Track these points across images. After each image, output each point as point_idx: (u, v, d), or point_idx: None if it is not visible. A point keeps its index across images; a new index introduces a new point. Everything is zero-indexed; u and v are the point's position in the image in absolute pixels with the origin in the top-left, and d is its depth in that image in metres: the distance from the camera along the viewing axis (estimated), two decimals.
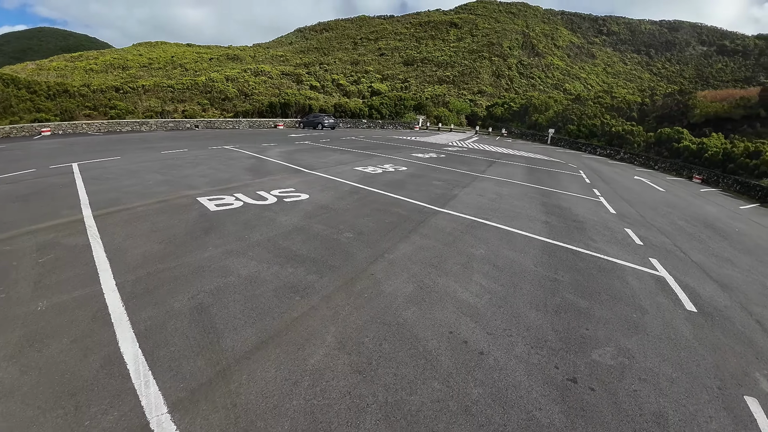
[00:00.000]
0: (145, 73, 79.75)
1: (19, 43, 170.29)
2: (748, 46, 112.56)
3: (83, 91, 51.92)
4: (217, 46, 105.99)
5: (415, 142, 32.65)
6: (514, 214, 11.04)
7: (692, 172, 33.14)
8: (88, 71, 78.08)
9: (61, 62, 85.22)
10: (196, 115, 47.04)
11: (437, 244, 7.94)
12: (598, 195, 16.24)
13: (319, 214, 9.32)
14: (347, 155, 20.81)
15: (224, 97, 58.18)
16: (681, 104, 47.10)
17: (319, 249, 7.22)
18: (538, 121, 50.99)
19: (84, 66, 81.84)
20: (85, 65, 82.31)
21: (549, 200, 13.63)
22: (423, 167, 18.50)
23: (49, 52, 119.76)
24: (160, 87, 60.09)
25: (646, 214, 13.83)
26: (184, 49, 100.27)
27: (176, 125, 38.37)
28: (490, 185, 15.29)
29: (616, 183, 21.40)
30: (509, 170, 20.49)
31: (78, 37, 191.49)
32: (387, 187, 12.99)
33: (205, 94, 58.71)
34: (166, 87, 60.30)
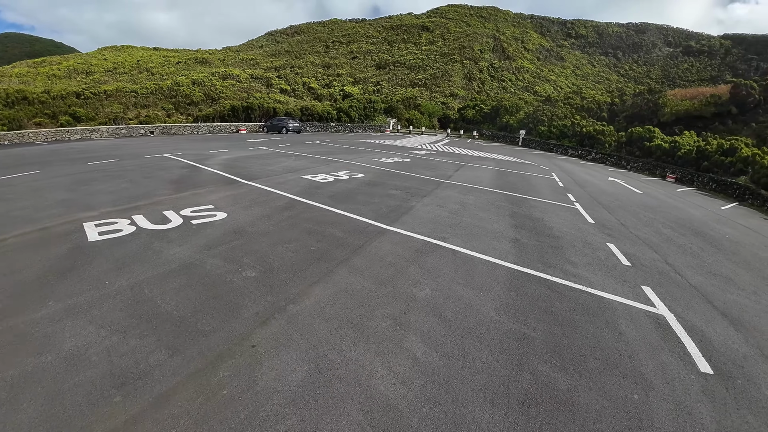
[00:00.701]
0: (109, 78, 75.92)
1: None
2: (713, 46, 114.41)
3: (43, 98, 48.76)
4: (186, 50, 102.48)
5: (382, 145, 30.63)
6: (478, 230, 9.07)
7: (665, 171, 32.02)
8: (51, 77, 73.99)
9: (24, 68, 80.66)
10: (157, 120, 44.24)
11: (369, 283, 5.86)
12: (573, 201, 14.46)
13: (226, 242, 7.18)
14: (302, 161, 18.65)
15: (189, 102, 55.38)
16: (651, 103, 46.36)
17: (197, 300, 5.08)
18: (509, 123, 49.62)
19: (47, 72, 77.68)
20: (48, 71, 78.14)
21: (519, 209, 11.74)
22: (383, 173, 16.48)
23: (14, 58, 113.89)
24: (122, 92, 57.03)
25: (628, 221, 12.07)
26: (151, 53, 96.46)
27: (129, 132, 35.63)
28: (454, 193, 13.33)
29: (590, 185, 19.78)
30: (477, 174, 18.63)
31: (44, 43, 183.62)
32: (332, 200, 10.90)
33: (169, 98, 55.86)
34: (129, 92, 57.31)
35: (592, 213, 12.56)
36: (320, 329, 4.56)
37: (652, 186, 24.36)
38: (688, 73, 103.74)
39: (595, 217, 11.94)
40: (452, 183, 15.47)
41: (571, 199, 14.69)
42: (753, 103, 38.54)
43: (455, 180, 16.29)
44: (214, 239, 7.33)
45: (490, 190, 14.71)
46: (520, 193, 14.54)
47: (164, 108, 53.24)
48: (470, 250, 7.63)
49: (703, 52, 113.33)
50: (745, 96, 38.50)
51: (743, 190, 24.01)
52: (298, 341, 4.32)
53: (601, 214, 12.73)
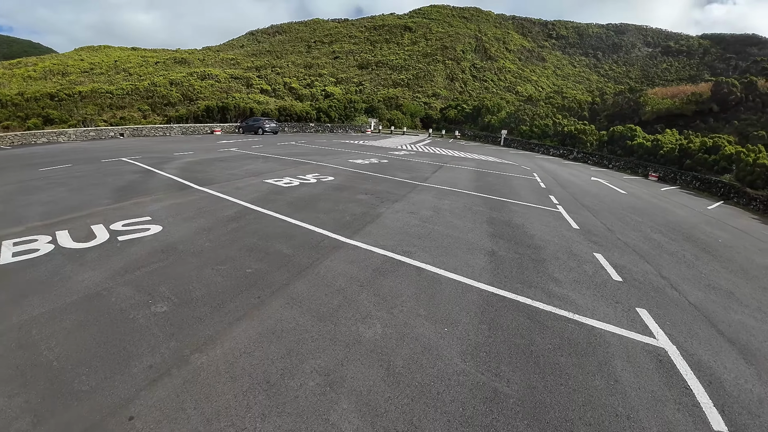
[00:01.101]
0: (86, 79, 73.47)
1: None
2: (692, 46, 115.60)
3: (17, 100, 47.01)
4: (165, 50, 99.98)
5: (360, 146, 29.44)
6: (450, 241, 7.96)
7: (648, 170, 31.46)
8: (26, 78, 71.42)
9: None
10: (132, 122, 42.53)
11: (306, 318, 4.68)
12: (556, 203, 13.47)
13: (148, 264, 5.94)
14: (270, 164, 17.38)
15: (167, 103, 53.72)
16: (632, 102, 46.01)
17: (86, 346, 3.89)
18: (490, 123, 48.81)
19: (22, 73, 74.97)
20: (23, 72, 75.43)
21: (499, 215, 10.67)
22: (355, 176, 15.30)
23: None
24: (98, 93, 55.23)
25: (615, 226, 11.10)
26: (129, 53, 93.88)
27: (98, 134, 33.83)
28: (429, 197, 12.22)
29: (573, 186, 18.88)
30: (456, 176, 17.57)
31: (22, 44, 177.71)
32: (290, 208, 9.69)
33: (146, 99, 54.14)
34: (104, 93, 55.46)
35: (576, 217, 11.57)
36: (224, 393, 3.37)
37: (635, 185, 23.61)
38: (667, 72, 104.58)
39: (579, 222, 10.94)
40: (428, 186, 14.37)
41: (554, 202, 13.70)
42: (734, 101, 38.30)
43: (432, 182, 15.19)
44: (136, 260, 6.09)
45: (468, 193, 13.64)
46: (499, 196, 13.50)
47: (140, 109, 51.53)
48: (439, 267, 6.51)
49: (681, 52, 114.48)
50: (727, 94, 38.23)
51: (728, 188, 23.40)
52: (190, 413, 3.14)
53: (585, 217, 11.74)
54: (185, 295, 5.10)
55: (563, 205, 13.20)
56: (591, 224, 10.94)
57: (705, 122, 39.02)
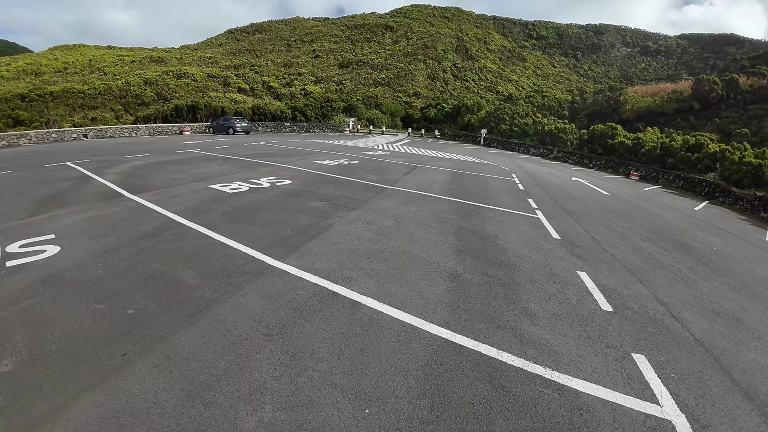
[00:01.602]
0: (59, 79, 70.73)
1: None
2: (670, 45, 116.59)
3: None
4: (141, 48, 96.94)
5: (334, 146, 27.90)
6: (406, 260, 6.54)
7: (629, 169, 30.56)
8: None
9: None
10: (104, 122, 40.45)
11: (171, 393, 3.17)
12: (535, 208, 12.17)
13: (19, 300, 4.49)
14: (226, 166, 15.77)
15: (140, 102, 51.66)
16: (612, 101, 45.29)
17: None
18: (470, 122, 47.63)
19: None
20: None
21: (469, 223, 9.30)
22: (316, 179, 13.79)
23: None
24: (70, 93, 52.88)
25: (600, 234, 9.82)
26: (104, 52, 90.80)
27: (60, 136, 31.66)
28: (394, 203, 10.79)
29: (553, 187, 17.65)
30: (429, 178, 16.17)
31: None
32: (223, 220, 8.17)
33: (119, 99, 51.97)
34: (76, 93, 53.12)
35: (557, 224, 10.26)
36: None
37: (617, 185, 22.55)
38: (645, 72, 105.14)
39: (560, 230, 9.62)
40: (396, 189, 12.94)
41: (533, 206, 12.39)
42: (715, 98, 37.69)
43: (401, 185, 13.77)
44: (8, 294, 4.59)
45: (439, 197, 12.25)
46: (473, 201, 12.14)
47: (113, 109, 49.45)
48: (382, 301, 5.07)
49: (660, 52, 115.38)
50: (708, 92, 37.61)
51: (713, 187, 22.49)
52: None
53: (567, 224, 10.44)
54: (40, 347, 3.63)
55: (543, 210, 11.90)
56: (573, 233, 9.63)
57: (686, 120, 38.36)
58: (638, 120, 43.09)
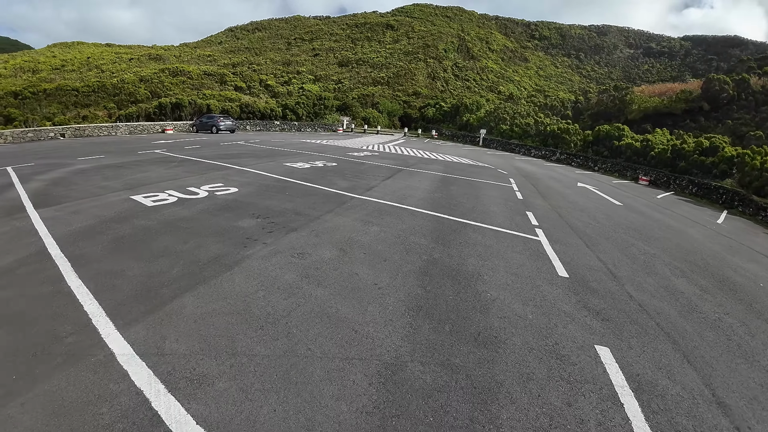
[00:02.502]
0: (57, 76, 68.41)
1: None
2: (674, 47, 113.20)
3: None
4: (140, 46, 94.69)
5: (318, 146, 25.34)
6: (317, 339, 3.96)
7: (637, 173, 27.91)
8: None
9: None
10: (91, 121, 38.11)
11: None
12: (535, 225, 9.60)
13: None
14: (176, 170, 13.29)
15: (134, 100, 49.37)
16: (617, 100, 42.59)
17: None
18: (469, 122, 44.91)
19: None
20: None
21: (445, 253, 6.75)
22: (272, 187, 11.27)
23: None
24: (63, 91, 50.70)
25: (621, 267, 7.25)
26: (103, 50, 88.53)
27: (36, 135, 29.44)
28: (351, 221, 8.23)
29: (557, 196, 15.03)
30: (412, 184, 13.59)
31: None
32: (104, 249, 5.70)
33: (113, 97, 49.70)
34: (69, 90, 50.94)
35: (563, 251, 7.69)
36: None
37: (628, 192, 19.92)
38: (648, 74, 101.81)
39: (569, 261, 7.06)
40: (365, 200, 10.40)
41: (533, 223, 9.82)
42: (726, 99, 34.95)
43: (374, 194, 11.21)
44: None
45: (416, 210, 9.69)
46: (458, 215, 9.57)
47: (106, 107, 47.21)
48: None
49: (663, 54, 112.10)
50: (718, 92, 34.88)
51: (731, 195, 19.86)
52: None
53: (576, 251, 7.87)
54: None
55: (545, 229, 9.33)
56: (585, 265, 7.06)
57: (695, 121, 35.65)
58: (645, 121, 40.35)
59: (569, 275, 6.39)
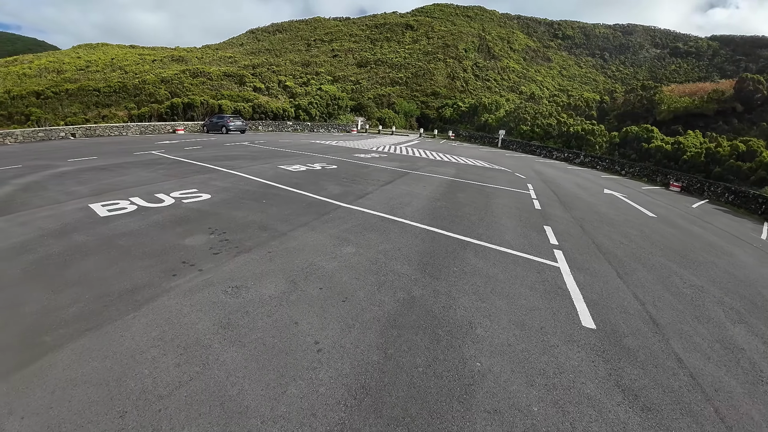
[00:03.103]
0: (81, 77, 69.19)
1: None
2: (701, 47, 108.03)
3: (1, 98, 43.22)
4: (163, 48, 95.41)
5: (325, 147, 23.90)
6: None
7: (668, 178, 25.54)
8: (21, 76, 67.44)
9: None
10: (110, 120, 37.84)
11: None
12: (554, 245, 7.84)
13: None
14: (160, 173, 12.02)
15: (153, 100, 49.22)
16: (645, 100, 39.88)
17: None
18: (487, 122, 42.79)
19: (18, 71, 71.13)
20: (19, 69, 71.61)
21: (429, 290, 5.11)
22: (248, 193, 9.80)
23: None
24: (85, 91, 50.94)
25: (662, 309, 5.46)
26: (127, 51, 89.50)
27: (47, 135, 29.10)
28: (324, 239, 6.64)
29: (581, 205, 13.14)
30: (413, 190, 11.94)
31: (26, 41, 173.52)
32: (11, 275, 4.37)
33: (133, 97, 49.67)
34: (91, 91, 51.19)
35: (589, 285, 5.92)
36: None
37: (659, 200, 17.81)
38: (675, 74, 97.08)
39: (595, 301, 5.32)
40: (353, 210, 8.83)
41: (551, 241, 8.07)
42: (760, 100, 31.98)
43: (365, 203, 9.62)
44: None
45: (409, 224, 8.06)
46: (460, 231, 7.91)
47: (126, 107, 47.17)
48: None
49: (690, 54, 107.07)
50: (752, 92, 31.98)
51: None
52: None
53: (605, 283, 6.11)
54: None
55: (566, 249, 7.58)
56: (618, 307, 5.31)
57: (728, 123, 32.81)
58: (675, 122, 37.56)
59: (596, 325, 4.68)
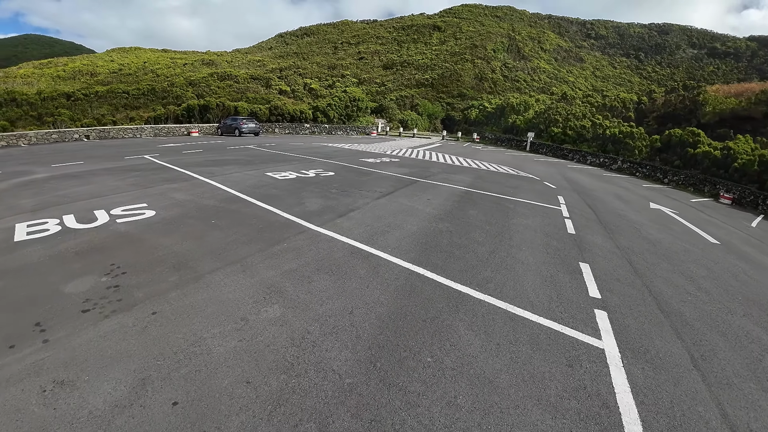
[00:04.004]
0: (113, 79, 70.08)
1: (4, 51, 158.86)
2: (739, 48, 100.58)
3: (33, 99, 43.54)
4: (194, 52, 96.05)
5: (332, 151, 21.73)
6: None
7: (717, 188, 22.15)
8: (55, 78, 68.70)
9: (29, 69, 75.86)
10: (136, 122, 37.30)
11: None
12: (595, 301, 5.29)
13: None
14: (129, 180, 10.18)
15: (180, 103, 48.92)
16: (687, 101, 35.96)
17: None
18: (515, 123, 39.67)
19: (52, 73, 72.61)
20: (53, 72, 73.10)
21: (359, 428, 2.87)
22: (212, 207, 7.72)
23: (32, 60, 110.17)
24: (114, 93, 51.16)
25: None
26: (159, 55, 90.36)
27: (61, 137, 28.32)
28: (243, 291, 4.40)
29: (627, 228, 10.36)
30: (414, 205, 9.52)
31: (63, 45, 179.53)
32: None
33: (161, 99, 49.43)
34: (120, 93, 51.37)
35: (651, 391, 3.44)
36: None
37: (713, 217, 14.75)
38: (713, 75, 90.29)
39: (672, 429, 2.92)
40: (321, 234, 6.53)
41: (591, 294, 5.49)
42: None
43: (342, 225, 7.29)
44: None
45: (387, 260, 5.69)
46: (458, 275, 5.46)
47: (154, 109, 46.87)
48: None
49: (728, 54, 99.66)
50: None
51: None
52: None
53: (677, 387, 3.59)
54: None
55: (612, 309, 5.04)
56: None
57: None
58: (721, 125, 33.54)
59: None
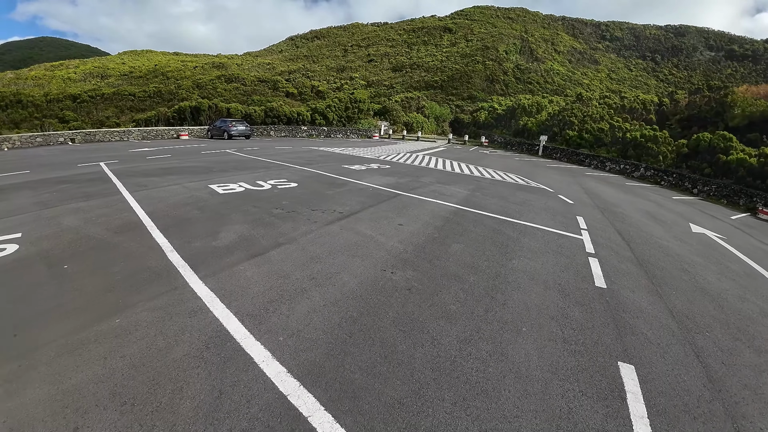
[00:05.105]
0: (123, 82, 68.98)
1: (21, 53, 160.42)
2: (757, 50, 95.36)
3: (38, 101, 42.05)
4: (205, 55, 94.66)
5: (315, 156, 19.07)
6: None
7: (754, 201, 18.92)
8: (65, 80, 67.76)
9: (41, 71, 75.17)
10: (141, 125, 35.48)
11: None
12: None
13: None
14: (43, 198, 7.74)
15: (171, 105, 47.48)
16: (713, 102, 32.44)
17: None
18: (527, 126, 36.47)
19: (63, 75, 71.74)
20: (64, 74, 72.21)
21: None
22: (95, 239, 5.19)
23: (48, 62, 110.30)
24: (120, 95, 49.68)
25: None
26: (170, 58, 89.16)
27: (45, 140, 26.40)
28: None
29: (673, 271, 7.41)
30: (376, 235, 6.75)
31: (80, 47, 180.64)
32: None
33: (167, 102, 47.76)
34: (126, 95, 49.88)
35: None
36: None
37: (763, 242, 11.72)
38: (732, 78, 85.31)
39: None
40: (188, 303, 3.93)
41: None
42: None
43: (245, 276, 4.66)
44: None
45: (261, 374, 3.06)
46: (388, 411, 2.81)
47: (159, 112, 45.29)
48: None
49: (747, 57, 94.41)
50: None
51: None
52: None
53: None
54: None
55: None
56: None
57: None
58: (750, 129, 30.10)
59: None
